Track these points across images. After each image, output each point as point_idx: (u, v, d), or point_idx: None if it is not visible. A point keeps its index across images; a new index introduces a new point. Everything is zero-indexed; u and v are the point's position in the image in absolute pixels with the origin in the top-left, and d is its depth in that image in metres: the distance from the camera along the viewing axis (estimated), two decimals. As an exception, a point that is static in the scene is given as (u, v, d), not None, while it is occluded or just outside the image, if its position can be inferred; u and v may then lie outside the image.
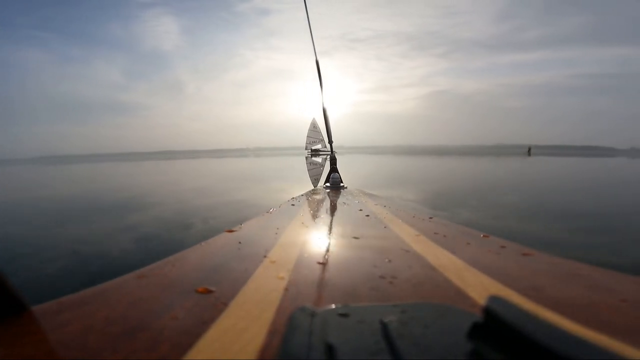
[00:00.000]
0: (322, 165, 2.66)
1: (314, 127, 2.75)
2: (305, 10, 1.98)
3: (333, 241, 0.65)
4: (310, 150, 2.61)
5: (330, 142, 2.35)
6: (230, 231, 0.73)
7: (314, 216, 0.96)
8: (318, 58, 2.09)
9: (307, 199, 1.39)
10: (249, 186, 6.62)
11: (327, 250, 0.57)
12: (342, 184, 2.03)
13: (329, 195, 1.60)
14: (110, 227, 3.14)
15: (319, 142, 2.73)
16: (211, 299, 0.35)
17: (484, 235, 0.66)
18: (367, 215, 0.96)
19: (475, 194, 5.12)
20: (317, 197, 1.49)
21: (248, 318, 0.30)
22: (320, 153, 2.69)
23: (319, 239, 0.66)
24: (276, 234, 0.70)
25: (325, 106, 2.20)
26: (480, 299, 0.35)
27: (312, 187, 2.34)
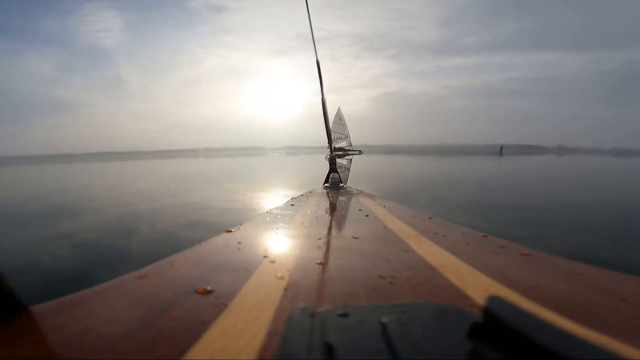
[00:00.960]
0: (349, 169, 2.31)
1: (339, 118, 2.40)
2: (307, 11, 1.97)
3: (332, 241, 0.65)
4: (333, 149, 2.29)
5: (330, 142, 2.32)
6: (230, 231, 0.73)
7: (314, 216, 0.95)
8: (314, 58, 2.05)
9: (307, 199, 1.39)
10: (200, 188, 6.33)
11: (327, 251, 0.58)
12: (341, 184, 2.02)
13: (328, 195, 1.59)
14: (33, 238, 2.77)
15: (344, 139, 2.38)
16: (211, 299, 0.35)
17: (483, 235, 0.66)
18: (367, 215, 0.96)
19: (422, 191, 5.45)
20: (317, 197, 1.48)
21: (247, 318, 0.30)
22: (349, 152, 2.35)
23: (318, 239, 0.65)
24: (276, 234, 0.70)
25: (326, 106, 2.19)
26: (480, 299, 0.35)
27: (311, 188, 2.33)
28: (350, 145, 2.41)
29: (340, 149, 2.40)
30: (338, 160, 2.35)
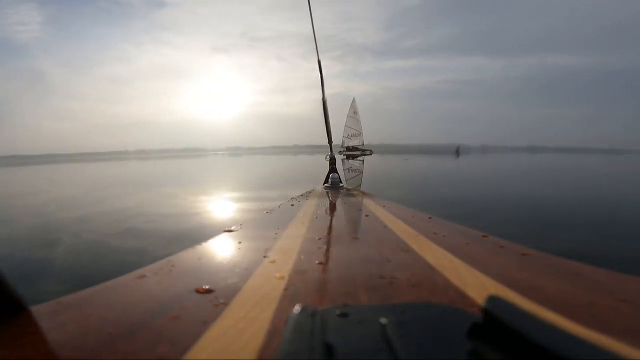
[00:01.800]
0: (362, 171, 2.19)
1: (354, 112, 2.24)
2: (309, 13, 1.94)
3: (332, 241, 0.65)
4: (345, 149, 2.16)
5: (330, 142, 2.29)
6: (230, 231, 0.73)
7: (314, 216, 0.95)
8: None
9: (307, 199, 1.38)
10: (131, 193, 5.81)
11: (327, 250, 0.58)
12: (341, 184, 2.03)
13: (328, 195, 1.59)
14: None
15: (358, 136, 2.22)
16: (211, 298, 0.35)
17: (483, 235, 0.66)
18: (367, 215, 0.96)
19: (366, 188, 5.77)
20: (317, 197, 1.48)
21: (247, 318, 0.30)
22: (365, 152, 2.19)
23: (318, 239, 0.65)
24: (276, 234, 0.70)
25: (326, 105, 2.15)
26: (480, 299, 0.35)
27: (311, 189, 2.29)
28: (363, 143, 2.27)
29: (354, 148, 2.24)
30: (351, 161, 2.22)
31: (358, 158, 2.26)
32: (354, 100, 2.22)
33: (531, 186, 6.16)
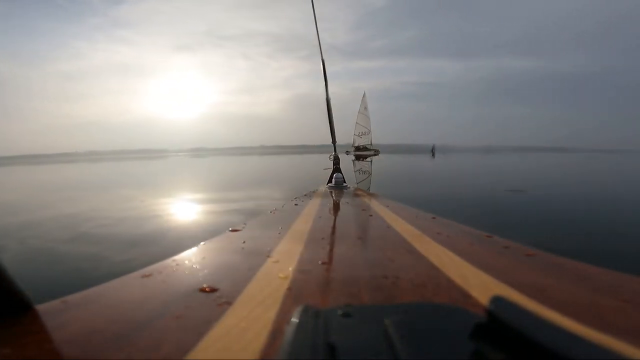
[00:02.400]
0: (370, 173, 2.13)
1: (365, 108, 2.17)
2: (313, 13, 1.94)
3: (336, 241, 0.65)
4: (354, 148, 2.24)
5: (334, 142, 2.28)
6: (234, 230, 0.73)
7: (317, 216, 0.95)
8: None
9: (310, 199, 1.39)
10: (82, 197, 5.44)
11: (330, 250, 0.58)
12: (345, 184, 2.03)
13: (332, 195, 1.59)
14: None
15: (368, 134, 2.17)
16: (214, 298, 0.36)
17: (486, 236, 0.66)
18: (371, 215, 0.96)
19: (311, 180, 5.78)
20: (320, 197, 1.48)
21: (251, 317, 0.31)
22: (376, 152, 2.15)
23: (321, 239, 0.65)
24: (279, 233, 0.70)
25: (330, 105, 2.14)
26: (484, 299, 0.35)
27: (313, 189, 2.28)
28: (371, 142, 2.36)
29: (363, 147, 2.35)
30: (361, 162, 2.28)
31: (367, 159, 2.32)
32: (364, 95, 2.24)
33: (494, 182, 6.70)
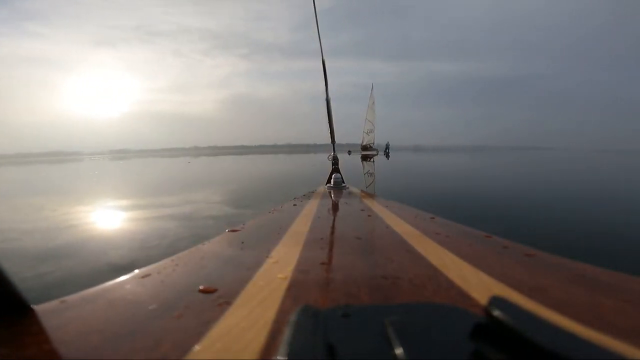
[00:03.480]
0: (374, 175, 2.08)
1: (373, 102, 2.09)
2: (314, 12, 1.91)
3: (335, 241, 0.65)
4: (361, 148, 2.13)
5: (333, 141, 2.28)
6: (233, 231, 0.73)
7: (316, 216, 0.95)
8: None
9: (309, 199, 1.37)
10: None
11: (330, 251, 0.58)
12: (344, 184, 2.01)
13: (331, 195, 1.57)
14: None
15: (373, 131, 2.09)
16: (214, 298, 0.36)
17: (486, 236, 0.66)
18: (369, 216, 0.96)
19: (270, 189, 5.54)
20: (319, 197, 1.46)
21: (250, 318, 0.31)
22: (371, 152, 2.10)
23: (321, 239, 0.65)
24: (278, 233, 0.70)
25: (330, 105, 2.13)
26: (483, 299, 0.35)
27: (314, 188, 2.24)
28: (374, 141, 2.35)
29: (369, 147, 2.31)
30: (368, 164, 2.26)
31: (371, 159, 2.36)
32: (372, 88, 2.23)
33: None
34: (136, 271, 0.44)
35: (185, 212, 3.61)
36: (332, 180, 2.05)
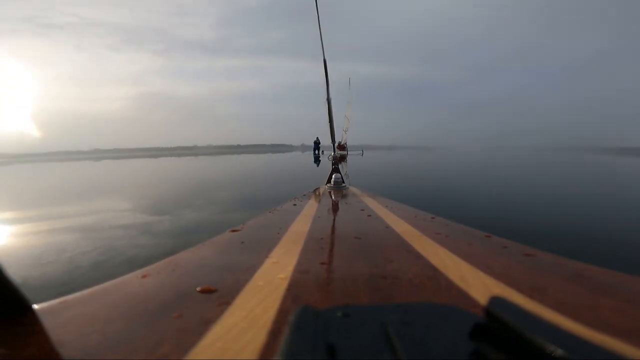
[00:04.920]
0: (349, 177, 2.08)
1: (351, 98, 2.07)
2: (316, 11, 1.85)
3: (335, 241, 0.65)
4: (338, 148, 2.11)
5: (333, 141, 2.25)
6: (234, 231, 0.73)
7: (316, 216, 0.95)
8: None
9: (309, 199, 1.36)
10: None
11: (329, 251, 0.58)
12: (344, 184, 2.01)
13: (331, 195, 1.57)
14: None
15: (348, 130, 2.08)
16: (214, 298, 0.36)
17: (486, 236, 0.66)
18: (369, 215, 0.96)
19: (196, 193, 5.22)
20: (319, 197, 1.46)
21: (250, 318, 0.31)
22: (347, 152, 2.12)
23: (320, 239, 0.65)
24: (278, 234, 0.70)
25: (331, 105, 2.08)
26: (482, 299, 0.35)
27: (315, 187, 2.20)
28: (346, 141, 2.26)
29: (344, 146, 2.20)
30: (343, 164, 2.21)
31: (346, 160, 2.29)
32: (349, 80, 2.10)
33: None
34: (136, 271, 0.45)
35: (81, 223, 3.24)
36: (332, 180, 2.05)
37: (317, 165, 9.46)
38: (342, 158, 2.34)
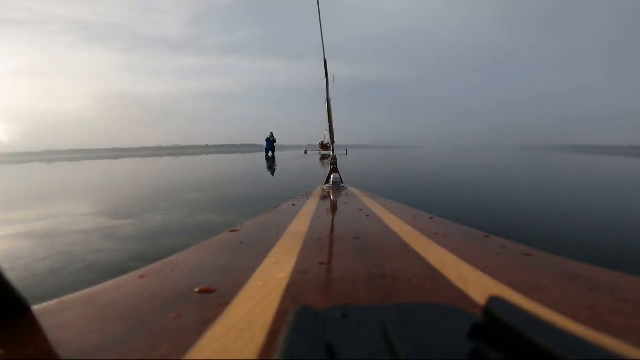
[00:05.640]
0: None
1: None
2: (318, 11, 1.89)
3: (334, 241, 0.65)
4: (321, 147, 2.01)
5: (333, 141, 2.25)
6: (232, 231, 0.73)
7: (315, 216, 0.95)
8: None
9: (308, 199, 1.37)
10: None
11: (328, 251, 0.58)
12: (342, 184, 2.01)
13: (329, 195, 1.58)
14: None
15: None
16: (212, 298, 0.36)
17: (484, 236, 0.66)
18: (368, 215, 0.96)
19: (160, 195, 5.30)
20: (318, 197, 1.46)
21: (249, 318, 0.31)
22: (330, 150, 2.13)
23: (319, 239, 0.65)
24: (277, 234, 0.70)
25: (331, 105, 2.10)
26: (481, 299, 0.35)
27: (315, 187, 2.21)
28: (332, 140, 2.24)
29: (329, 146, 2.17)
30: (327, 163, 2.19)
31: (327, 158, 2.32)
32: (333, 80, 2.07)
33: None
34: (134, 271, 0.45)
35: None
36: (330, 180, 2.06)
37: (272, 174, 7.06)
38: (324, 157, 2.50)
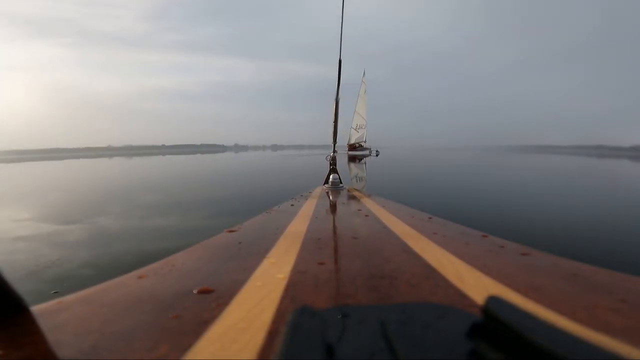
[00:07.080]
0: (365, 180, 1.84)
1: (364, 91, 2.18)
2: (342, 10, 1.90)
3: (332, 241, 0.65)
4: (348, 147, 1.92)
5: (335, 142, 2.30)
6: (231, 231, 0.73)
7: (314, 216, 0.94)
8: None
9: (307, 200, 1.36)
10: None
11: (327, 251, 0.58)
12: (341, 185, 2.01)
13: (328, 195, 1.57)
14: None
15: (364, 127, 1.91)
16: (211, 298, 0.35)
17: (483, 235, 0.66)
18: (367, 216, 0.95)
19: (113, 199, 4.92)
20: (317, 197, 1.45)
21: (248, 318, 0.30)
22: (371, 151, 1.96)
23: (318, 240, 0.65)
24: (276, 234, 0.69)
25: (339, 105, 2.11)
26: (480, 299, 0.35)
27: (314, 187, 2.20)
28: (365, 139, 2.20)
29: (359, 145, 2.25)
30: (358, 166, 2.12)
31: (361, 160, 2.31)
32: (364, 74, 2.13)
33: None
34: (133, 272, 0.44)
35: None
36: (329, 181, 2.04)
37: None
38: (353, 158, 2.60)
